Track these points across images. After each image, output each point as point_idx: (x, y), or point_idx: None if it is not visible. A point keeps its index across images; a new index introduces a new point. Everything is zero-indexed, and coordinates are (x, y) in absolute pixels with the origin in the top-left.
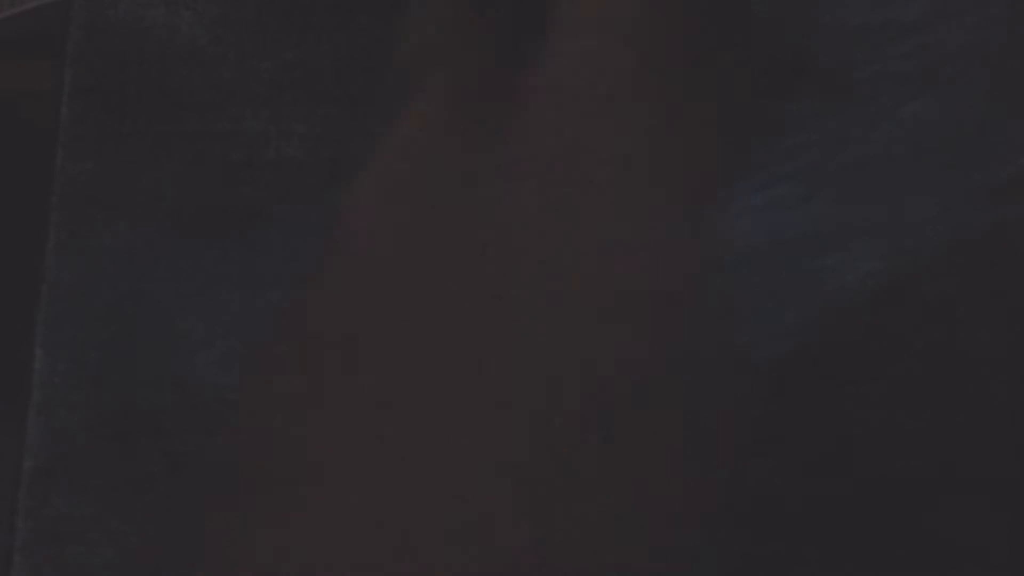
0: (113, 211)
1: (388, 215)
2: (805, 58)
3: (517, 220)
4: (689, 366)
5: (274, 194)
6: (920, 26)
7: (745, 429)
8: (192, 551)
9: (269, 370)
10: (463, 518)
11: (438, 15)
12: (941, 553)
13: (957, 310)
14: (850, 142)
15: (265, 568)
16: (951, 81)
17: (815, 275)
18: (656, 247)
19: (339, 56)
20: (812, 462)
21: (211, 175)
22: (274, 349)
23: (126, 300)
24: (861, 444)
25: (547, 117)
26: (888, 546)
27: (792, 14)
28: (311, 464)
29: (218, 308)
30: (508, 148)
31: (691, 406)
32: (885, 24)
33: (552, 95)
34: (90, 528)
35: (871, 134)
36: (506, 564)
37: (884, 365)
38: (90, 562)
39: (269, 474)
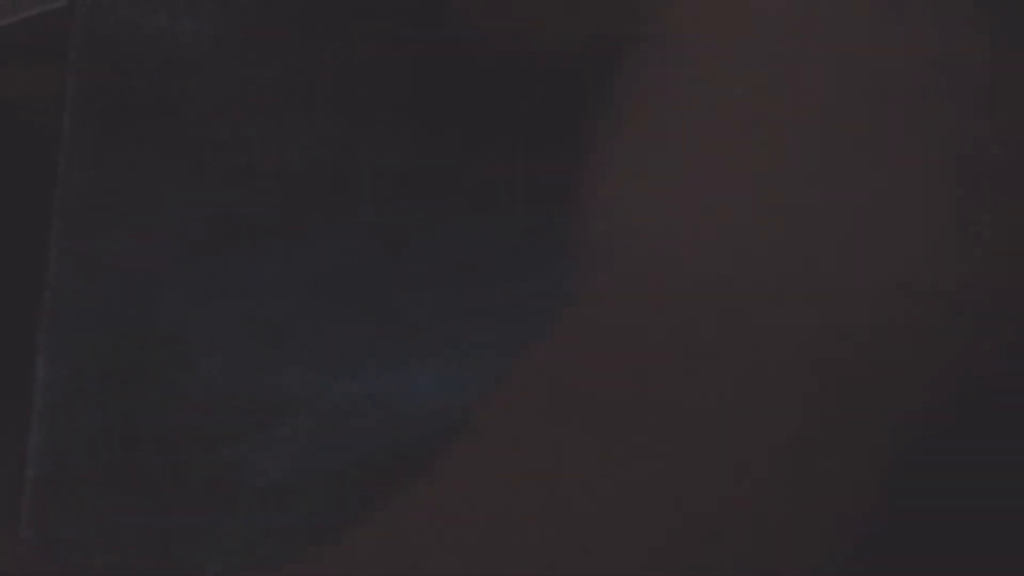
0: (115, 218)
1: None
2: None
3: None
4: None
5: (276, 201)
6: None
7: None
8: (194, 560)
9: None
10: None
11: None
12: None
13: None
14: None
15: None
16: None
17: None
18: None
19: (341, 63)
20: None
21: (213, 182)
22: None
23: (128, 308)
24: None
25: None
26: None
27: None
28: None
29: (220, 316)
30: None
31: None
32: None
33: None
34: (92, 536)
35: None
36: None
37: None
38: (92, 571)
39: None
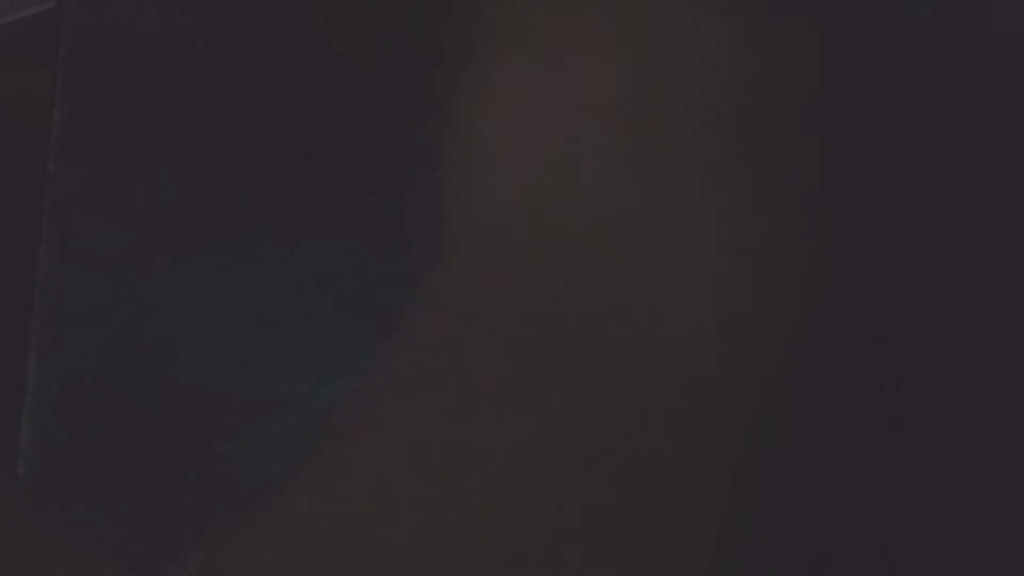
0: (107, 216)
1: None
2: None
3: None
4: None
5: (270, 199)
6: None
7: None
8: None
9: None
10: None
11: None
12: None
13: None
14: None
15: None
16: None
17: None
18: None
19: (336, 61)
20: None
21: (206, 180)
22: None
23: (121, 305)
24: None
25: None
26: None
27: None
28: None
29: (213, 313)
30: None
31: None
32: None
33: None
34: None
35: None
36: None
37: None
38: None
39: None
